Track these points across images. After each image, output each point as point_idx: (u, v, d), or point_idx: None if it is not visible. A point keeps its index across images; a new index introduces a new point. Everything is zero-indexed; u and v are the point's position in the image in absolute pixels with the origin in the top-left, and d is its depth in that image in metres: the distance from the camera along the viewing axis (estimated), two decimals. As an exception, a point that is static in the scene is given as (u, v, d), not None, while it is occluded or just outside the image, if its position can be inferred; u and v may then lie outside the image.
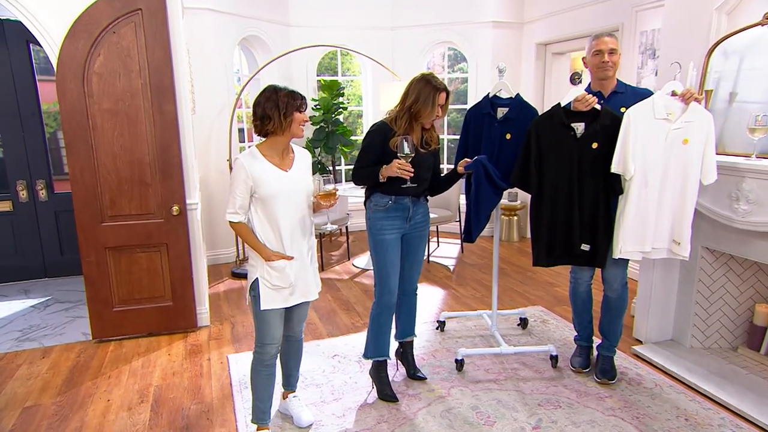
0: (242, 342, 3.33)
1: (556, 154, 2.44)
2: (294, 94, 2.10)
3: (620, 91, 2.58)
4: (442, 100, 2.40)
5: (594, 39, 2.55)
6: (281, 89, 2.10)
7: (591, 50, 2.55)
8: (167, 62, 3.12)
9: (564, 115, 2.41)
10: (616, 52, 2.52)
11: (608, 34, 2.54)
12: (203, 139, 4.75)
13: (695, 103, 2.32)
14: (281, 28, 5.50)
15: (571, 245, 2.52)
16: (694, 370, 2.75)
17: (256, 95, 2.12)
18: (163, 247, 3.30)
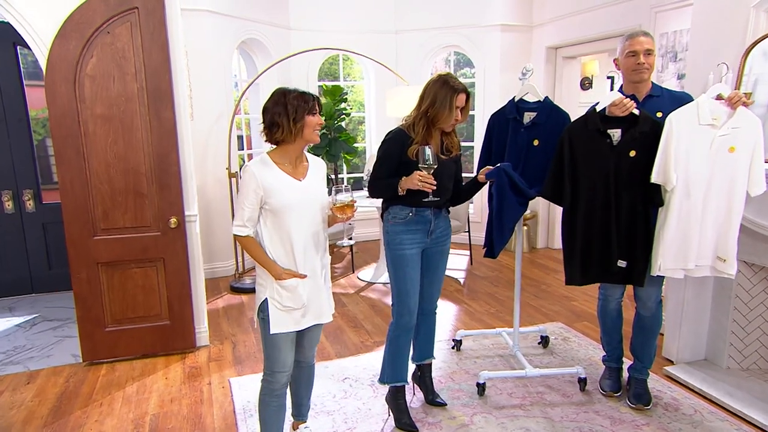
0: (245, 364, 3.11)
1: (590, 164, 2.24)
2: (305, 95, 1.90)
3: (656, 94, 2.38)
4: (462, 101, 2.20)
5: (628, 39, 2.35)
6: (290, 91, 1.90)
7: (624, 51, 2.35)
8: (165, 65, 2.92)
9: (600, 121, 2.22)
10: (653, 53, 2.32)
11: (643, 32, 2.34)
12: (201, 146, 4.54)
13: (743, 108, 2.14)
14: (281, 31, 5.32)
15: (607, 262, 2.32)
16: (735, 395, 2.55)
17: (265, 100, 1.93)
18: (159, 262, 3.08)
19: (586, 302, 4.06)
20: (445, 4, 5.62)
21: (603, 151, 2.22)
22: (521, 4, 5.51)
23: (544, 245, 5.82)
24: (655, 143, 2.16)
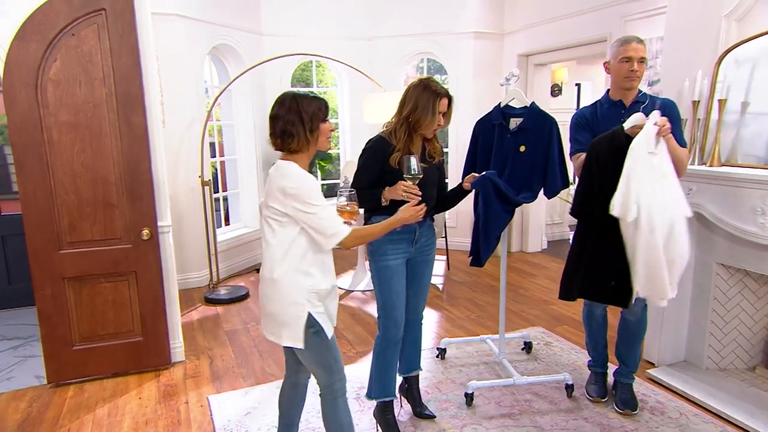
0: (223, 380, 2.98)
1: (612, 182, 2.13)
2: (318, 101, 1.83)
3: (642, 101, 2.40)
4: (444, 106, 2.17)
5: (622, 44, 2.34)
6: (301, 96, 1.81)
7: (618, 56, 2.34)
8: (135, 69, 2.79)
9: (625, 140, 2.15)
10: (645, 61, 2.33)
11: (637, 39, 2.33)
12: (172, 154, 4.38)
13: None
14: (254, 37, 5.21)
15: (604, 281, 2.29)
16: (716, 396, 2.59)
17: (273, 106, 1.82)
18: (131, 276, 2.93)
19: (565, 306, 4.10)
20: (418, 11, 5.63)
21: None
22: (493, 11, 5.57)
23: (519, 249, 5.87)
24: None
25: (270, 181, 1.82)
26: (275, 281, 1.81)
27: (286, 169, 1.79)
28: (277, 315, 1.83)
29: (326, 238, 1.78)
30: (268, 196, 1.82)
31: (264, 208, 1.86)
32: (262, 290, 1.88)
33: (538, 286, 4.64)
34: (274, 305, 1.83)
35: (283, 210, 1.78)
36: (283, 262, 1.80)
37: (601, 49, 4.48)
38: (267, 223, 1.83)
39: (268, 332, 1.89)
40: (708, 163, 2.66)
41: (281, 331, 1.83)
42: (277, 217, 1.80)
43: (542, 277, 4.91)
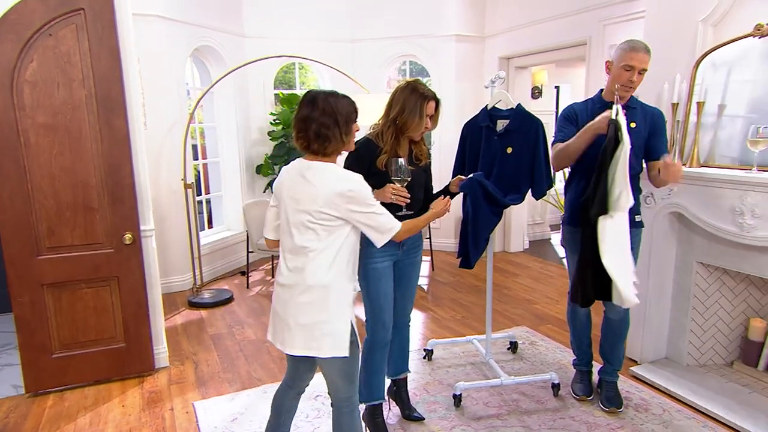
0: (209, 385, 2.94)
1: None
2: (350, 101, 1.79)
3: (632, 105, 2.42)
4: (431, 109, 2.18)
5: (629, 50, 2.30)
6: (333, 96, 1.75)
7: (621, 60, 2.32)
8: (116, 71, 2.74)
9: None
10: (645, 72, 2.33)
11: (645, 48, 2.28)
12: (154, 156, 4.31)
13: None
14: (236, 39, 5.16)
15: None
16: (697, 392, 2.65)
17: (302, 107, 1.75)
18: (113, 281, 2.87)
19: (547, 305, 4.15)
20: (401, 14, 5.65)
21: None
22: (474, 15, 5.61)
23: (501, 249, 5.92)
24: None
25: (312, 185, 1.72)
26: (326, 288, 1.75)
27: (337, 172, 1.75)
28: (322, 324, 1.75)
29: (383, 234, 1.78)
30: (312, 201, 1.71)
31: (300, 213, 1.74)
32: (298, 300, 1.76)
33: (521, 285, 4.68)
34: (320, 314, 1.75)
35: (337, 214, 1.73)
36: (331, 268, 1.76)
37: (581, 52, 4.55)
38: (309, 230, 1.74)
39: (300, 346, 1.77)
40: (687, 164, 2.72)
41: (323, 342, 1.75)
42: (326, 222, 1.73)
43: (525, 276, 4.96)
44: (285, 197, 1.80)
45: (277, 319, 1.84)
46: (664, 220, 2.82)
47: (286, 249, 1.83)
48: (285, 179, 1.83)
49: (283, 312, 1.80)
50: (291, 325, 1.78)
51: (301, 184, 1.75)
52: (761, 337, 2.80)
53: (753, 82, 2.57)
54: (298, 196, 1.76)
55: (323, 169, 1.75)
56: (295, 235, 1.77)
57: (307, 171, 1.76)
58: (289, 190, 1.79)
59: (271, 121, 5.42)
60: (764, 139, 2.34)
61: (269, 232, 1.95)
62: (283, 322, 1.80)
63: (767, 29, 2.47)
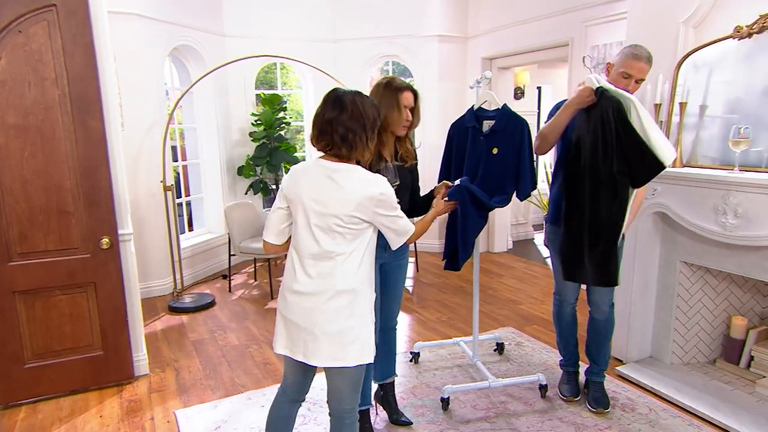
0: (191, 393, 2.86)
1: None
2: (375, 103, 1.74)
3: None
4: (408, 100, 2.13)
5: (631, 57, 2.29)
6: (361, 99, 1.69)
7: (620, 66, 2.32)
8: (91, 69, 2.64)
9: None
10: (643, 82, 2.33)
11: (647, 57, 2.28)
12: (132, 158, 4.21)
13: None
14: (216, 38, 5.07)
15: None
16: (683, 390, 2.67)
17: (327, 107, 1.68)
18: (90, 287, 2.78)
19: (532, 305, 4.16)
20: (383, 14, 5.62)
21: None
22: (457, 15, 5.61)
23: (485, 249, 5.92)
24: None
25: (342, 188, 1.66)
26: (355, 292, 1.70)
27: (365, 175, 1.70)
28: (349, 330, 1.70)
29: (401, 237, 1.79)
30: (343, 204, 1.66)
31: (327, 217, 1.68)
32: (326, 307, 1.68)
33: (505, 286, 4.69)
34: (348, 320, 1.70)
35: (365, 217, 1.69)
36: (359, 271, 1.71)
37: (563, 53, 4.58)
38: (338, 234, 1.68)
39: (327, 356, 1.69)
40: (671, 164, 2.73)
41: (350, 350, 1.70)
42: (355, 226, 1.69)
43: (509, 276, 4.97)
44: (305, 199, 1.71)
45: (295, 329, 1.73)
46: (648, 220, 2.84)
47: (305, 254, 1.72)
48: (303, 180, 1.73)
49: (305, 321, 1.71)
50: (317, 334, 1.69)
51: (328, 187, 1.68)
52: (742, 335, 2.84)
53: (733, 83, 2.60)
54: (323, 199, 1.68)
55: (352, 171, 1.70)
56: (321, 240, 1.69)
57: (335, 173, 1.69)
58: (311, 192, 1.70)
59: (252, 122, 5.34)
60: (746, 139, 2.36)
61: (272, 235, 1.84)
62: (305, 331, 1.71)
63: (746, 31, 2.51)
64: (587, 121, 2.23)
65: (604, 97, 2.15)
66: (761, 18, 2.44)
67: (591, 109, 2.21)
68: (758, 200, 2.31)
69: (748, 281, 2.86)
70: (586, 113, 2.24)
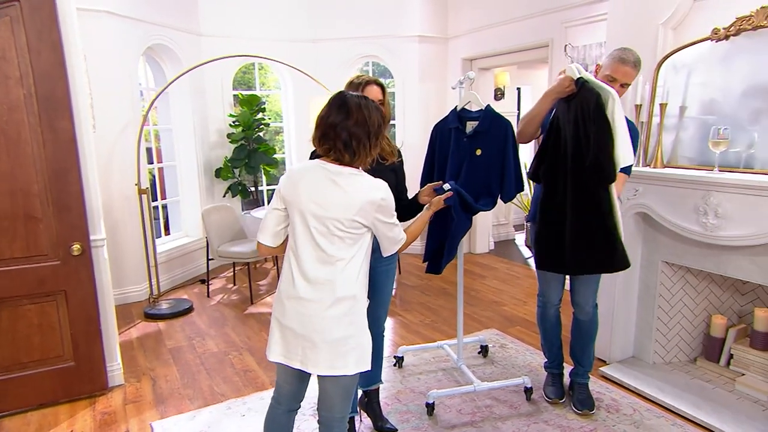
0: (168, 403, 2.77)
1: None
2: (379, 111, 1.69)
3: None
4: (373, 94, 2.09)
5: (618, 61, 2.28)
6: (365, 104, 1.64)
7: (606, 69, 2.31)
8: (59, 68, 2.53)
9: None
10: (628, 86, 2.32)
11: (633, 62, 2.27)
12: (105, 160, 4.07)
13: None
14: (192, 37, 4.95)
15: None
16: (665, 390, 2.68)
17: (332, 110, 1.63)
18: (60, 296, 2.66)
19: (515, 306, 4.15)
20: (363, 14, 5.57)
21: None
22: (437, 15, 5.60)
23: (467, 250, 5.92)
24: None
25: (345, 192, 1.62)
26: (355, 299, 1.66)
27: (368, 180, 1.67)
28: (350, 338, 1.65)
29: (395, 245, 1.75)
30: (345, 208, 1.62)
31: (328, 221, 1.63)
32: (327, 314, 1.63)
33: (488, 287, 4.68)
34: (349, 327, 1.65)
35: (365, 222, 1.65)
36: (358, 277, 1.67)
37: (543, 54, 4.59)
38: (338, 238, 1.64)
39: (325, 365, 1.64)
40: (651, 164, 2.75)
41: (349, 358, 1.65)
42: (355, 231, 1.64)
43: (491, 278, 4.97)
44: (305, 201, 1.65)
45: (293, 337, 1.68)
46: (629, 220, 2.85)
47: (304, 259, 1.66)
48: (303, 181, 1.67)
49: (305, 328, 1.65)
50: (316, 341, 1.64)
51: (330, 190, 1.64)
52: (722, 334, 2.87)
53: (711, 84, 2.63)
54: (324, 201, 1.64)
55: (355, 175, 1.66)
56: (321, 244, 1.64)
57: (338, 176, 1.64)
58: (311, 194, 1.65)
59: (230, 123, 5.23)
60: (725, 140, 2.38)
61: (268, 237, 1.77)
62: (303, 338, 1.65)
63: (723, 33, 2.53)
64: (567, 111, 2.21)
65: (585, 88, 2.14)
66: (738, 20, 2.47)
67: (571, 99, 2.19)
68: (738, 200, 2.33)
69: (727, 280, 2.89)
70: (566, 102, 2.23)
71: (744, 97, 2.49)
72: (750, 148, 2.45)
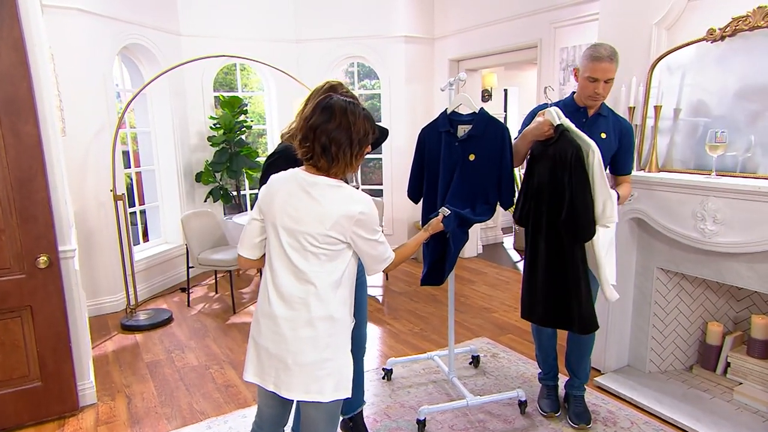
0: (143, 423, 2.61)
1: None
2: (370, 119, 1.57)
3: (604, 114, 2.32)
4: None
5: (592, 60, 2.17)
6: (352, 110, 1.51)
7: (584, 71, 2.20)
8: (21, 69, 2.36)
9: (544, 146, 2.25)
10: (612, 80, 2.21)
11: (608, 56, 2.14)
12: (78, 165, 3.89)
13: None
14: (171, 37, 4.78)
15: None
16: (662, 400, 2.60)
17: (315, 111, 1.51)
18: (25, 312, 2.49)
19: (506, 313, 4.06)
20: (348, 14, 5.45)
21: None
22: (423, 16, 5.50)
23: (456, 255, 5.82)
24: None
25: (318, 204, 1.51)
26: (332, 320, 1.53)
27: (346, 191, 1.53)
28: (326, 362, 1.53)
29: (379, 264, 1.61)
30: (319, 222, 1.50)
31: (300, 235, 1.52)
32: (300, 335, 1.52)
33: (478, 293, 4.59)
34: (324, 351, 1.53)
35: (342, 238, 1.51)
36: (336, 297, 1.54)
37: (531, 55, 4.52)
38: (311, 254, 1.52)
39: (300, 389, 1.53)
40: (646, 168, 2.67)
41: (326, 383, 1.52)
42: (331, 247, 1.51)
43: (481, 283, 4.87)
44: (278, 213, 1.54)
45: (267, 357, 1.56)
46: (624, 225, 2.77)
47: (279, 275, 1.55)
48: (279, 190, 1.56)
49: (278, 349, 1.54)
50: (289, 364, 1.52)
51: (303, 201, 1.52)
52: (718, 341, 2.80)
53: (707, 86, 2.55)
54: (298, 214, 1.52)
55: (332, 186, 1.53)
56: (295, 260, 1.52)
57: (312, 187, 1.52)
58: (285, 204, 1.54)
59: (211, 126, 5.07)
60: (723, 143, 2.31)
61: (246, 249, 1.66)
62: (278, 360, 1.54)
63: (719, 34, 2.46)
64: (544, 154, 2.18)
65: (565, 137, 2.09)
66: (733, 21, 2.40)
67: (549, 143, 2.15)
68: (738, 206, 2.25)
69: (722, 286, 2.82)
70: (543, 145, 2.19)
71: (740, 98, 2.42)
72: (747, 151, 2.38)
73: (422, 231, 2.00)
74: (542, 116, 2.16)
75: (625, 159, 2.37)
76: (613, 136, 2.31)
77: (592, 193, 2.06)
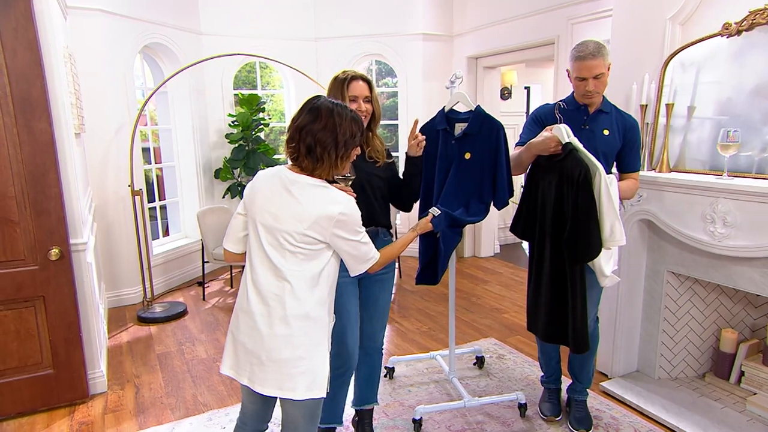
0: (148, 413, 2.68)
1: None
2: (357, 123, 1.58)
3: (606, 110, 2.26)
4: (358, 90, 1.95)
5: (575, 59, 2.13)
6: (340, 113, 1.53)
7: (573, 72, 2.17)
8: (36, 68, 2.45)
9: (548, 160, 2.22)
10: (604, 74, 2.15)
11: (591, 53, 2.08)
12: (98, 161, 4.02)
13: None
14: (191, 36, 4.88)
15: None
16: (670, 408, 2.52)
17: (303, 112, 1.54)
18: (38, 302, 2.59)
19: (517, 314, 4.00)
20: (366, 12, 5.45)
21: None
22: (442, 13, 5.46)
23: (471, 254, 5.77)
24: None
25: (298, 203, 1.52)
26: (307, 319, 1.54)
27: (327, 191, 1.54)
28: (300, 360, 1.54)
29: (362, 264, 1.62)
30: (297, 221, 1.51)
31: (278, 233, 1.53)
32: (274, 332, 1.53)
33: (490, 293, 4.53)
34: (298, 349, 1.54)
35: (321, 238, 1.53)
36: (312, 296, 1.55)
37: (550, 51, 4.43)
38: (289, 252, 1.53)
39: (273, 385, 1.54)
40: (657, 168, 2.59)
41: (299, 381, 1.53)
42: (309, 247, 1.53)
43: (495, 283, 4.81)
44: (259, 209, 1.56)
45: (243, 352, 1.59)
46: (633, 227, 2.69)
47: (258, 271, 1.57)
48: (261, 188, 1.58)
49: (253, 344, 1.56)
50: (264, 360, 1.54)
51: (284, 199, 1.54)
52: (733, 349, 2.69)
53: (722, 83, 2.45)
54: (278, 212, 1.53)
55: (312, 185, 1.54)
56: (272, 258, 1.54)
57: (293, 186, 1.54)
58: (266, 201, 1.56)
59: (230, 123, 5.16)
60: (735, 143, 2.21)
61: (231, 243, 1.69)
62: (252, 355, 1.56)
63: (735, 28, 2.36)
64: (548, 169, 2.14)
65: (573, 156, 2.04)
66: (751, 14, 2.30)
67: (554, 159, 2.11)
68: (749, 208, 2.16)
69: (738, 292, 2.71)
70: (548, 158, 2.14)
71: (757, 96, 2.31)
72: (763, 151, 2.28)
73: (410, 231, 1.98)
74: (550, 131, 2.11)
75: (631, 155, 2.29)
76: (617, 133, 2.24)
77: (599, 216, 2.02)
